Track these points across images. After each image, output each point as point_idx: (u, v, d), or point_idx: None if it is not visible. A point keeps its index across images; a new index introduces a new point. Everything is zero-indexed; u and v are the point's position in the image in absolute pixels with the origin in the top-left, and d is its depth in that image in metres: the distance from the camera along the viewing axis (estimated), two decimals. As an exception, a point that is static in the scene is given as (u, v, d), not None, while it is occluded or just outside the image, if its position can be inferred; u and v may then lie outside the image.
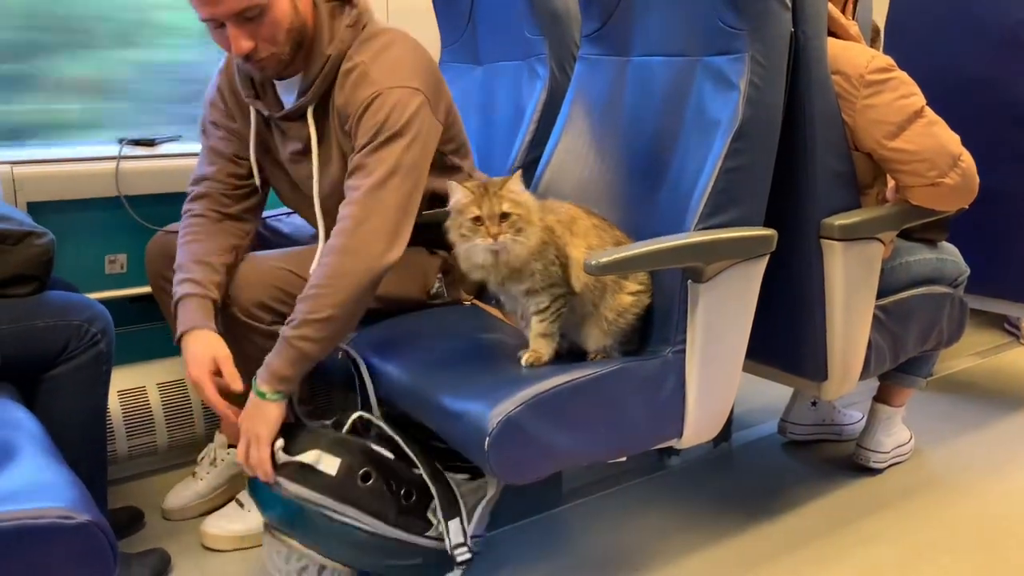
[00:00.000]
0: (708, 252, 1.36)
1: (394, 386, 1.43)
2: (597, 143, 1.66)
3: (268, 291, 1.51)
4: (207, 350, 1.44)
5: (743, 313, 1.45)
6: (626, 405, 1.35)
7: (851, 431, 2.08)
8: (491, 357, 1.46)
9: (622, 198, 1.59)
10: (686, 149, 1.47)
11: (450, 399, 1.31)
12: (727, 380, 1.47)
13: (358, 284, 1.37)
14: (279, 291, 1.52)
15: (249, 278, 1.52)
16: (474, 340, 1.53)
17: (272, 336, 1.49)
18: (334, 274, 1.37)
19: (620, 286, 1.39)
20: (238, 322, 1.52)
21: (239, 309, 1.51)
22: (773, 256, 1.45)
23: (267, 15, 1.42)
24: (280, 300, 1.52)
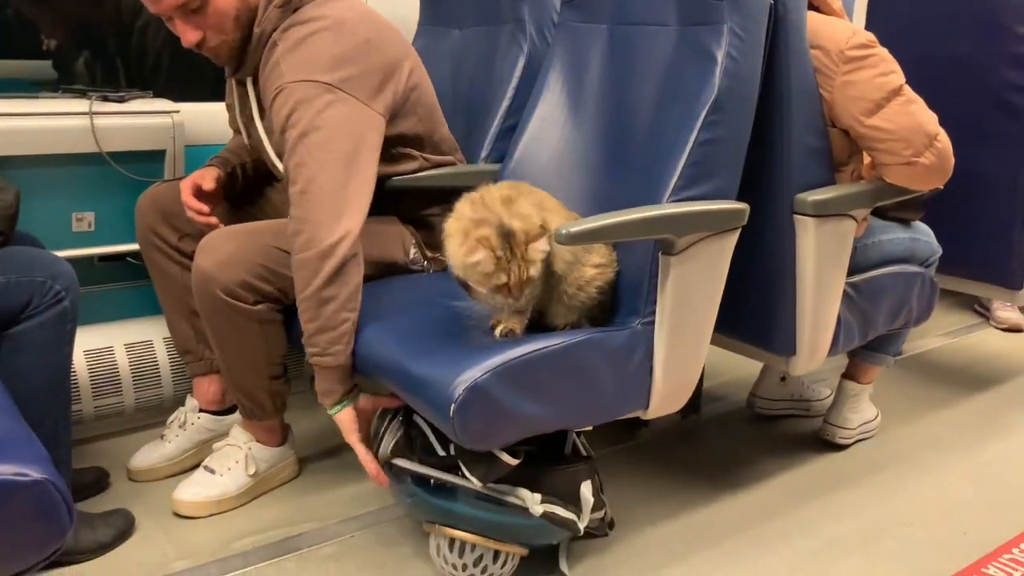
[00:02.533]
0: (681, 224, 1.36)
1: (360, 352, 1.42)
2: (574, 111, 1.65)
3: (252, 269, 1.49)
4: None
5: (713, 286, 1.46)
6: (594, 375, 1.35)
7: (819, 407, 2.10)
8: (460, 325, 1.45)
9: (597, 167, 1.58)
10: (662, 120, 1.46)
11: (417, 365, 1.30)
12: (695, 353, 1.47)
13: (317, 272, 1.37)
14: (264, 269, 1.50)
15: (232, 256, 1.49)
16: (443, 308, 1.53)
17: (255, 319, 1.49)
18: (297, 276, 1.39)
19: (583, 259, 1.39)
20: (218, 301, 1.49)
21: (221, 288, 1.48)
22: (745, 230, 1.45)
23: (210, 6, 1.44)
24: (265, 279, 1.50)
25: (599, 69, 1.62)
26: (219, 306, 1.49)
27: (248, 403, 1.63)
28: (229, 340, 1.54)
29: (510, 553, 1.40)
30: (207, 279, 1.49)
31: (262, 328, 1.53)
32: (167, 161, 1.83)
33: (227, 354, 1.57)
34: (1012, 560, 1.57)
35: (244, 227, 1.60)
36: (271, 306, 1.52)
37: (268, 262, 1.50)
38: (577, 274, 1.38)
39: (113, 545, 1.53)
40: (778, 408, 2.09)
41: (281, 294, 1.52)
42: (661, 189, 1.38)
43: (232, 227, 1.60)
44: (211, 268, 1.48)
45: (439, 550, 1.42)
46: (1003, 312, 2.76)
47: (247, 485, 1.66)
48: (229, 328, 1.52)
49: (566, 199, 1.58)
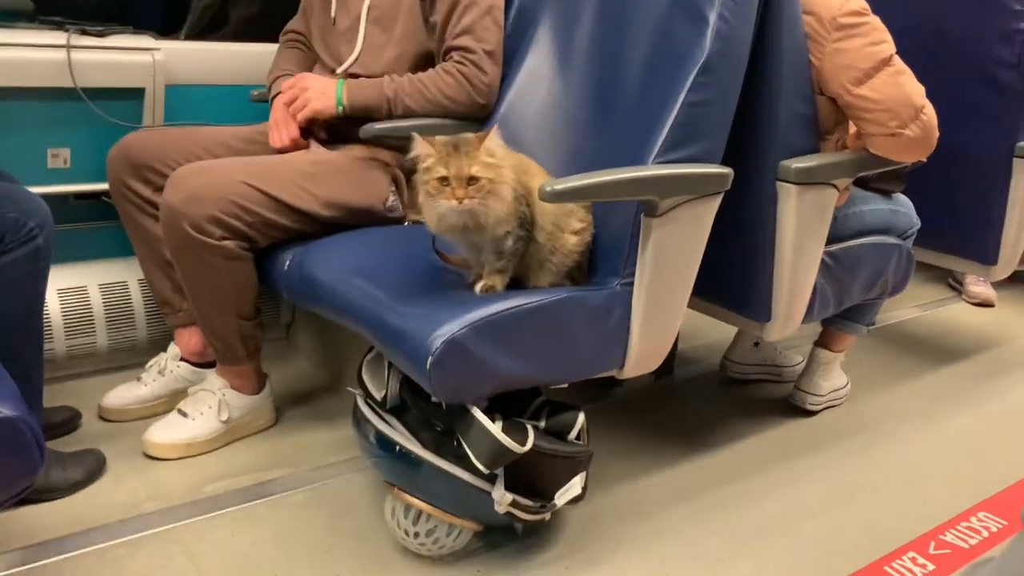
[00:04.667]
0: (665, 187, 1.36)
1: (337, 301, 1.42)
2: (561, 67, 1.64)
3: (222, 205, 1.49)
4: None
5: (693, 250, 1.46)
6: (572, 333, 1.36)
7: (791, 372, 2.12)
8: (440, 278, 1.45)
9: (583, 125, 1.57)
10: (650, 79, 1.45)
11: (394, 317, 1.30)
12: (672, 315, 1.48)
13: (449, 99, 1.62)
14: (235, 206, 1.50)
15: (203, 190, 1.49)
16: (423, 260, 1.52)
17: (222, 254, 1.49)
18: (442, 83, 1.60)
19: (563, 226, 1.38)
20: (186, 237, 1.49)
21: (189, 223, 1.48)
22: (727, 195, 1.45)
23: None
24: (235, 216, 1.50)
25: (589, 25, 1.60)
26: (187, 242, 1.49)
27: (219, 344, 1.63)
28: (197, 277, 1.55)
29: (464, 527, 1.40)
30: (175, 214, 1.48)
31: (229, 264, 1.53)
32: (146, 100, 1.80)
33: (196, 291, 1.58)
34: (969, 528, 1.61)
35: (216, 162, 1.59)
36: (239, 243, 1.53)
37: (238, 198, 1.50)
38: (559, 243, 1.38)
39: (84, 484, 1.53)
40: (750, 373, 2.12)
41: (251, 231, 1.53)
42: (646, 150, 1.38)
43: (203, 162, 1.59)
44: (179, 203, 1.48)
45: (393, 513, 1.42)
46: (975, 287, 2.80)
47: (219, 431, 1.66)
48: (197, 264, 1.52)
49: (552, 156, 1.58)
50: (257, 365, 1.71)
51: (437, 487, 1.36)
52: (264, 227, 1.54)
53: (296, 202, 1.56)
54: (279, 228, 1.56)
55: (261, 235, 1.55)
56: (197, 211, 1.47)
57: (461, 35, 1.65)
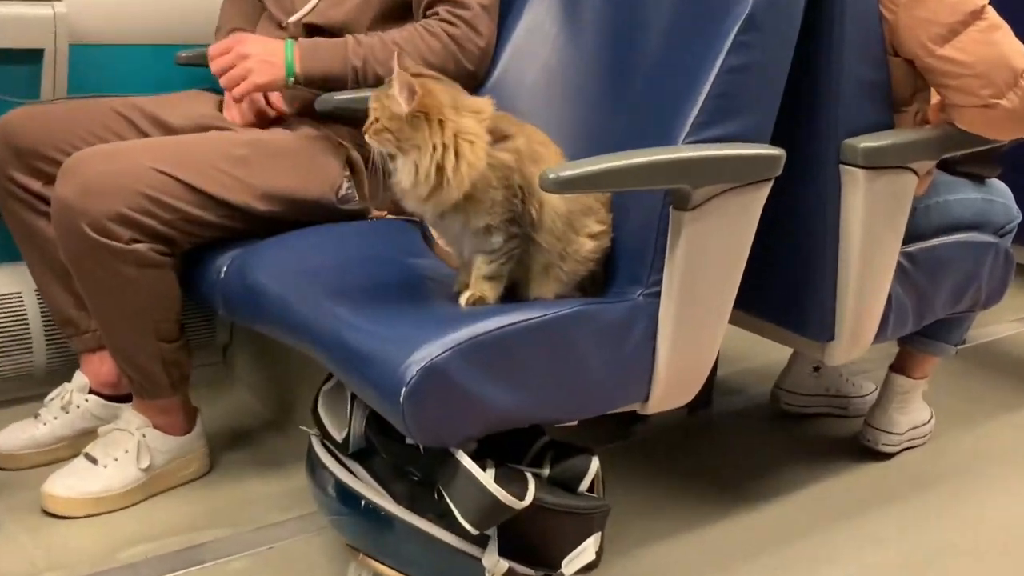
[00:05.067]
0: (699, 172, 1.36)
1: (287, 317, 1.42)
2: (568, 22, 1.64)
3: (130, 198, 1.49)
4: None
5: (736, 251, 1.47)
6: (582, 357, 1.36)
7: (859, 405, 2.13)
8: (415, 287, 1.45)
9: (596, 95, 1.58)
10: (679, 38, 1.46)
11: (359, 336, 1.30)
12: (709, 333, 1.49)
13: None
14: (147, 200, 1.50)
15: (106, 180, 1.49)
16: (396, 264, 1.53)
17: (133, 261, 1.49)
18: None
19: (577, 226, 1.39)
20: (86, 240, 1.48)
21: (88, 222, 1.47)
22: (778, 182, 1.46)
23: None
24: (147, 211, 1.50)
25: (603, -29, 1.62)
26: (87, 246, 1.49)
27: (135, 374, 1.63)
28: (102, 290, 1.55)
29: None
30: (70, 211, 1.48)
31: (142, 273, 1.53)
32: (46, 63, 1.80)
33: (101, 309, 1.58)
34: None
35: (122, 144, 1.60)
36: (154, 246, 1.53)
37: (150, 189, 1.50)
38: (572, 247, 1.38)
39: (-35, 550, 1.53)
40: (809, 405, 2.12)
41: (169, 230, 1.53)
42: (676, 126, 1.39)
43: (106, 145, 1.60)
44: (74, 196, 1.48)
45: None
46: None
47: (138, 481, 1.66)
48: (101, 275, 1.52)
49: (556, 134, 1.57)
50: (185, 398, 1.71)
51: (413, 552, 1.36)
52: (185, 225, 1.54)
53: (223, 193, 1.56)
54: (205, 226, 1.57)
55: (182, 235, 1.55)
56: (98, 207, 1.47)
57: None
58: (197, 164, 1.55)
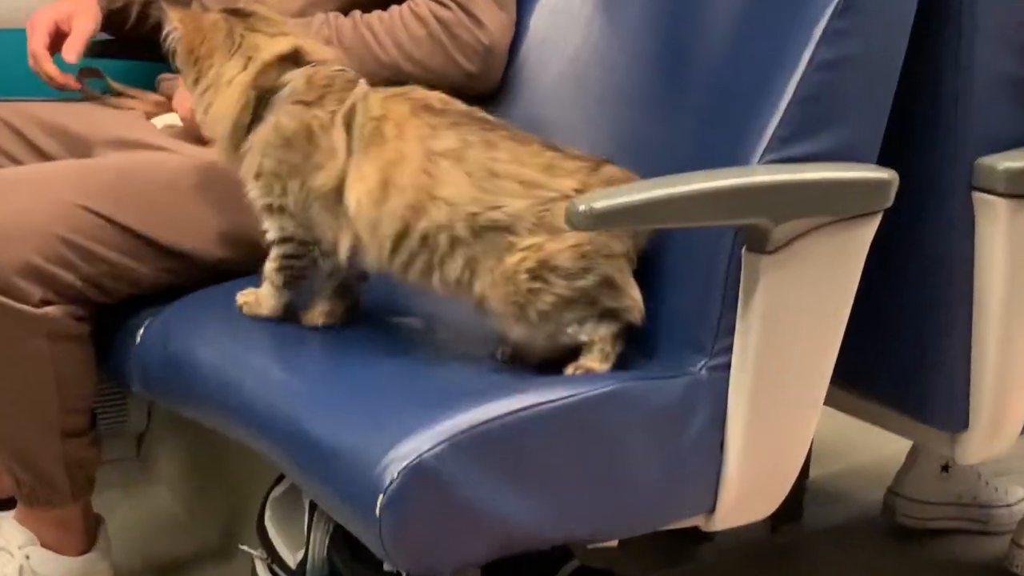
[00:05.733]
0: (781, 202, 1.36)
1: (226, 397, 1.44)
2: (606, 4, 1.67)
3: (46, 246, 1.50)
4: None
5: (833, 307, 1.47)
6: (623, 453, 1.37)
7: (1003, 517, 2.12)
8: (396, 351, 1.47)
9: (640, 99, 1.60)
10: (754, 24, 1.48)
11: (320, 422, 1.32)
12: (798, 420, 1.49)
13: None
14: (68, 247, 1.51)
15: (11, 221, 1.50)
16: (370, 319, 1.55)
17: (43, 331, 1.51)
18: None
19: (497, 243, 1.39)
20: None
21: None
22: (889, 215, 1.46)
23: None
24: (66, 263, 1.51)
25: (651, -70, 1.65)
26: None
27: (26, 477, 1.65)
28: (9, 369, 1.56)
29: None
30: None
31: (53, 348, 1.55)
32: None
33: (14, 399, 1.59)
34: None
35: (32, 170, 1.63)
36: (70, 309, 1.55)
37: (73, 233, 1.52)
38: (496, 267, 1.38)
39: None
40: (935, 517, 2.11)
41: (91, 287, 1.55)
42: (749, 140, 1.40)
43: (7, 171, 1.62)
44: None
45: None
46: None
47: (19, 619, 1.67)
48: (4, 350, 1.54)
49: (591, 147, 1.60)
50: (87, 506, 1.72)
51: None
52: (110, 281, 1.56)
53: (170, 237, 1.59)
54: (136, 281, 1.59)
55: (105, 293, 1.57)
56: (2, 257, 1.48)
57: None
58: (135, 198, 1.57)
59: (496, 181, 1.40)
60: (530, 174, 1.41)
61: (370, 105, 1.45)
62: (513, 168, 1.41)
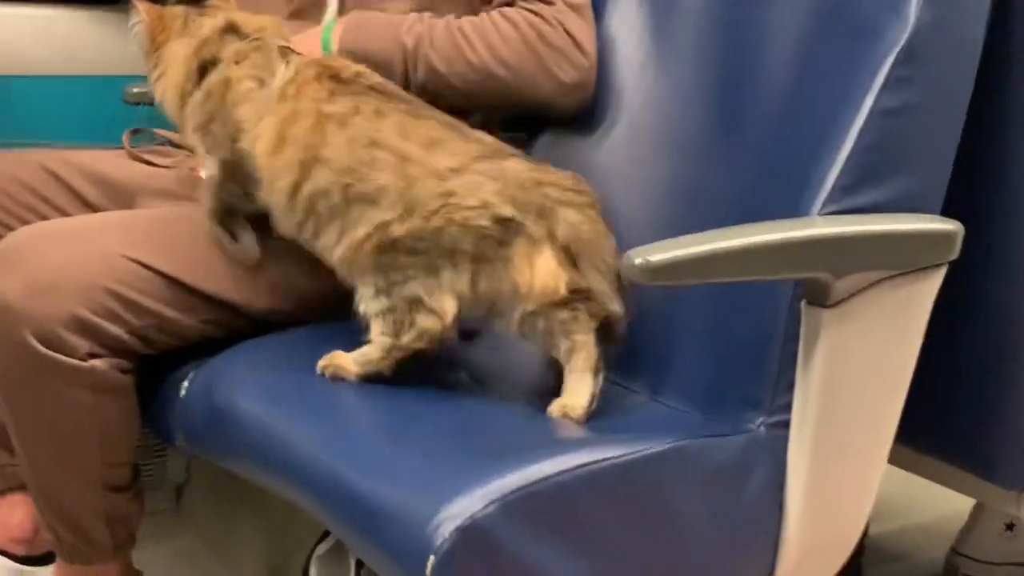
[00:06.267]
0: (842, 255, 1.35)
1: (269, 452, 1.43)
2: (658, 43, 1.68)
3: (93, 298, 1.50)
4: None
5: (897, 362, 1.46)
6: (679, 512, 1.36)
7: (1072, 579, 2.09)
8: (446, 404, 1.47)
9: (695, 147, 1.61)
10: (813, 71, 1.48)
11: (368, 479, 1.31)
12: (861, 478, 1.48)
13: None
14: (114, 299, 1.52)
15: (59, 273, 1.50)
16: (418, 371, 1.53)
17: (87, 383, 1.50)
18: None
19: (362, 215, 1.46)
20: (25, 353, 1.49)
21: (33, 329, 1.48)
22: (953, 266, 1.45)
23: None
24: (113, 315, 1.51)
25: (706, -27, 1.66)
26: (27, 361, 1.51)
27: (66, 532, 1.64)
28: (38, 420, 1.57)
29: None
30: (9, 314, 1.50)
31: (97, 400, 1.55)
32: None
33: (32, 444, 1.59)
34: None
35: (77, 222, 1.63)
36: (116, 362, 1.55)
37: (120, 284, 1.52)
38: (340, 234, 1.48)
39: None
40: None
41: (136, 339, 1.55)
42: (809, 191, 1.40)
43: (51, 223, 1.64)
44: (17, 294, 1.50)
45: None
46: None
47: None
48: (40, 399, 1.54)
49: (643, 195, 1.62)
50: (127, 562, 1.72)
51: None
52: (156, 333, 1.57)
53: (215, 288, 1.59)
54: (181, 333, 1.59)
55: (150, 346, 1.57)
56: (48, 309, 1.48)
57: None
58: (181, 249, 1.58)
59: (373, 151, 1.47)
60: (409, 148, 1.46)
61: (288, 69, 1.56)
62: (394, 140, 1.47)
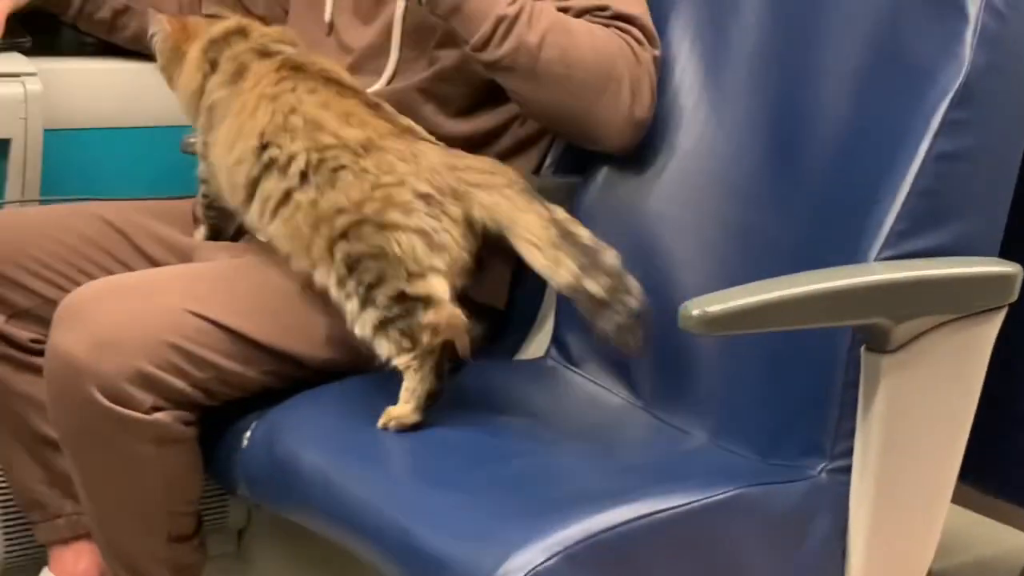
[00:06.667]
0: (901, 301, 1.35)
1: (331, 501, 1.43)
2: (710, 88, 1.68)
3: (157, 353, 1.51)
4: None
5: (958, 405, 1.45)
6: (743, 561, 1.36)
7: None
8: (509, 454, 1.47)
9: (749, 191, 1.60)
10: (867, 115, 1.48)
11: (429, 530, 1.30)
12: (924, 521, 1.47)
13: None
14: (178, 354, 1.52)
15: (124, 329, 1.51)
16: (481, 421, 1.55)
17: (151, 436, 1.51)
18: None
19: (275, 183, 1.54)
20: (93, 408, 1.49)
21: (99, 385, 1.48)
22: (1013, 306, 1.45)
23: None
24: (176, 369, 1.52)
25: (755, 18, 1.65)
26: (93, 415, 1.51)
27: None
28: (104, 473, 1.57)
29: None
30: (75, 369, 1.51)
31: (161, 453, 1.55)
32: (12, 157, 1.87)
33: (99, 497, 1.60)
34: None
35: (139, 277, 1.64)
36: (179, 414, 1.55)
37: (183, 339, 1.53)
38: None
39: None
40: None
41: (199, 392, 1.55)
42: (866, 236, 1.40)
43: (114, 277, 1.64)
44: (83, 349, 1.50)
45: None
46: None
47: None
48: (106, 452, 1.55)
49: (697, 240, 1.62)
50: (190, 609, 1.73)
51: None
52: (218, 385, 1.57)
53: (277, 340, 1.59)
54: (241, 384, 1.59)
55: (212, 398, 1.57)
56: (113, 364, 1.49)
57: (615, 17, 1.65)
58: (242, 302, 1.58)
59: (291, 118, 1.53)
60: (324, 118, 1.52)
61: (260, 66, 1.63)
62: (314, 111, 1.53)
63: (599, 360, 1.71)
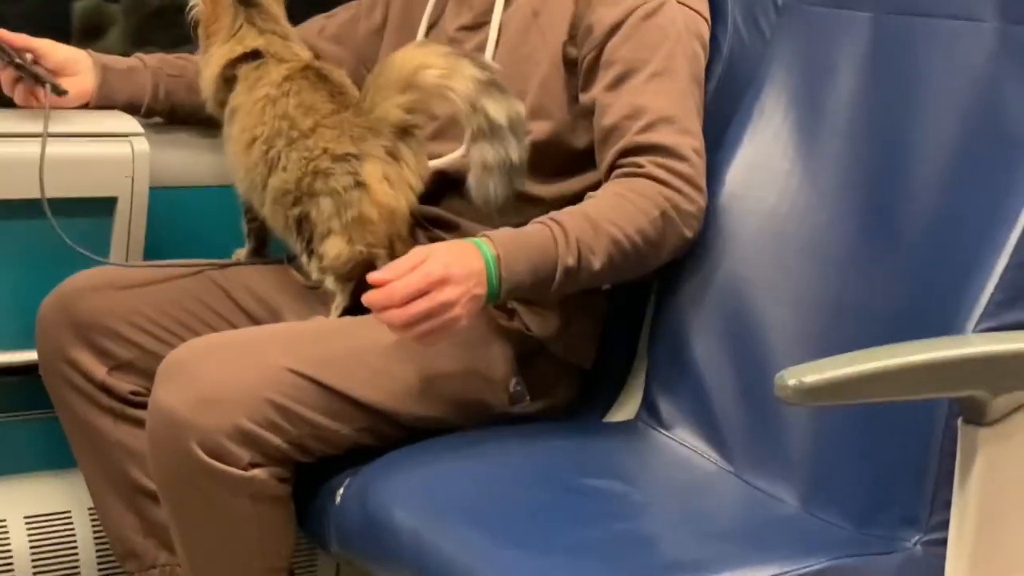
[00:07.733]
0: (1003, 374, 1.32)
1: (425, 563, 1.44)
2: (805, 155, 1.68)
3: (256, 410, 1.53)
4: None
5: (1057, 481, 1.43)
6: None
7: None
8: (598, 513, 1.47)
9: (842, 257, 1.60)
10: (963, 183, 1.48)
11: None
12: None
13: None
14: (276, 411, 1.54)
15: (225, 386, 1.53)
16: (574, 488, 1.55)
17: (247, 492, 1.53)
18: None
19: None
20: (192, 463, 1.52)
21: (199, 440, 1.51)
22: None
23: None
24: (273, 426, 1.54)
25: (853, 85, 1.65)
26: (192, 469, 1.54)
27: None
28: (201, 526, 1.60)
29: None
30: (176, 424, 1.53)
31: (257, 509, 1.57)
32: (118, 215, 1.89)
33: (195, 550, 1.62)
34: None
35: (239, 335, 1.67)
36: (275, 471, 1.57)
37: (281, 396, 1.55)
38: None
39: None
40: None
41: (295, 449, 1.58)
42: (963, 306, 1.39)
43: (216, 335, 1.67)
44: (185, 406, 1.53)
45: None
46: None
47: None
48: (203, 506, 1.57)
49: (791, 308, 1.61)
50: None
51: None
52: (312, 442, 1.59)
53: (369, 396, 1.60)
54: (334, 441, 1.61)
55: (307, 454, 1.59)
56: (213, 420, 1.51)
57: (654, 126, 1.65)
58: (338, 359, 1.60)
59: (272, 108, 1.74)
60: (297, 116, 1.72)
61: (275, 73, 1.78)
62: (294, 111, 1.72)
63: (690, 423, 1.70)
